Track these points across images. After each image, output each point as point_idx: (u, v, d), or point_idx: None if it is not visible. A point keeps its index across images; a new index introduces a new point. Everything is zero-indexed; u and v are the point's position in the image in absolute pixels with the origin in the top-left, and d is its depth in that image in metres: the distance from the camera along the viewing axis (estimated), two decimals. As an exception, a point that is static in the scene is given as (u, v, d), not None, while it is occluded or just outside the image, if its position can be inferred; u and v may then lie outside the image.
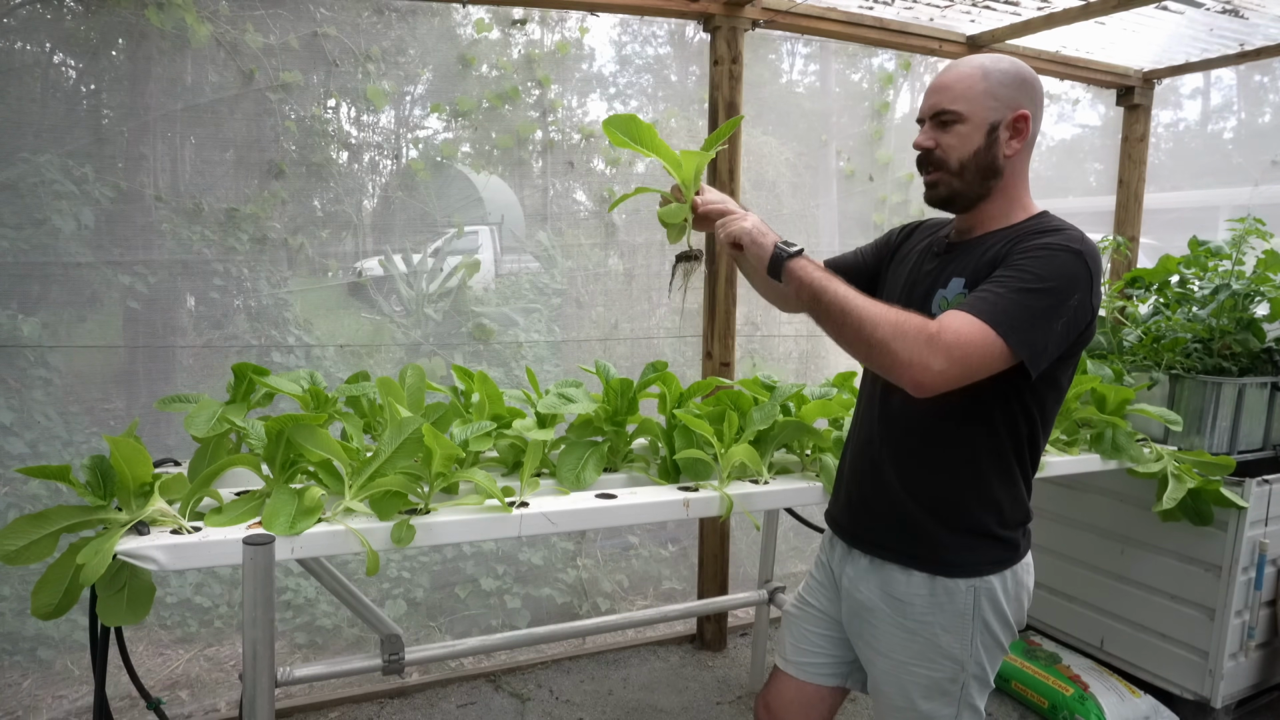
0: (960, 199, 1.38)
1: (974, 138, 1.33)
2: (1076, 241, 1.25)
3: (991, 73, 1.33)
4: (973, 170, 1.35)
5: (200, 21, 2.42)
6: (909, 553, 1.42)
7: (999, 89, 1.32)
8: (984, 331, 1.18)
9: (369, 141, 2.86)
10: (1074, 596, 2.91)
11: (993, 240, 1.35)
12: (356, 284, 2.86)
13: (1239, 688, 2.56)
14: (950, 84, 1.35)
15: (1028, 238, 1.28)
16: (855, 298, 1.23)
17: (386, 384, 1.69)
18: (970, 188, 1.36)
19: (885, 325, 1.19)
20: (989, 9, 2.99)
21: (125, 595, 1.32)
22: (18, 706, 2.37)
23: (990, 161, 1.34)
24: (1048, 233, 1.28)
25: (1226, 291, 2.59)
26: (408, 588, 2.91)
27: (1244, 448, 2.60)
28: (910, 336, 1.17)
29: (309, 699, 2.62)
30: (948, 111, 1.34)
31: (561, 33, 2.99)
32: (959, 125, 1.34)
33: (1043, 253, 1.24)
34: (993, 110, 1.32)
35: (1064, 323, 1.23)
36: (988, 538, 1.38)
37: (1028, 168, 1.39)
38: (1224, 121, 5.94)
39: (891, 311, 1.21)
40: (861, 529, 1.50)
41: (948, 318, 1.20)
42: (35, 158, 2.28)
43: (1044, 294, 1.20)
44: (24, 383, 2.36)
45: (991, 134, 1.33)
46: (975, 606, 1.38)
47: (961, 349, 1.17)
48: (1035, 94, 1.35)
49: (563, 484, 1.72)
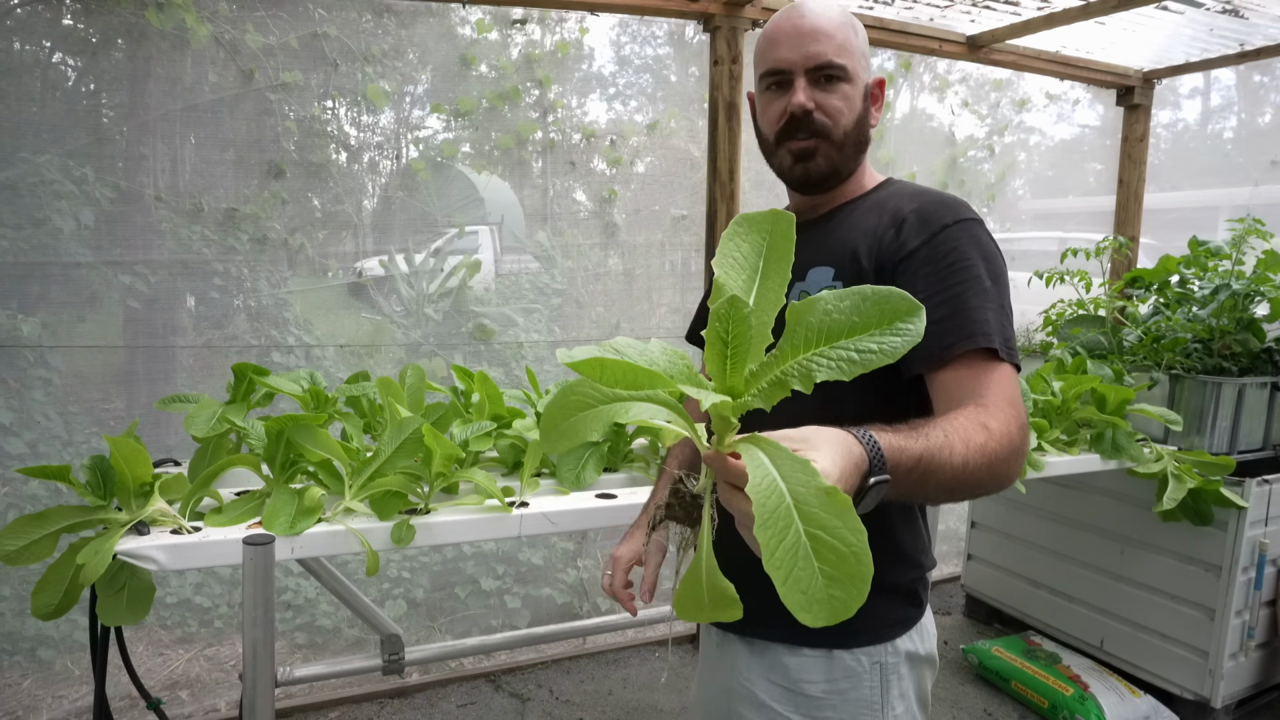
0: (834, 177, 1.14)
1: (857, 102, 1.11)
2: (976, 215, 1.07)
3: (859, 30, 1.12)
4: (852, 142, 1.12)
5: (200, 22, 2.42)
6: (794, 624, 1.19)
7: (864, 51, 1.12)
8: (1008, 373, 0.99)
9: (369, 141, 2.86)
10: (1074, 596, 2.91)
11: (848, 217, 1.13)
12: (356, 284, 2.86)
13: (1239, 688, 2.56)
14: (830, 31, 1.09)
15: (929, 220, 1.05)
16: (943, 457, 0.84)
17: (386, 384, 1.68)
18: (847, 164, 1.14)
19: (977, 460, 0.86)
20: (989, 9, 2.99)
21: (125, 595, 1.32)
22: (18, 706, 2.37)
23: (864, 130, 1.14)
24: (939, 207, 1.06)
25: (1226, 291, 2.59)
26: (408, 588, 2.91)
27: (1244, 448, 2.60)
28: (1004, 450, 0.89)
29: (309, 699, 2.61)
30: (833, 65, 1.08)
31: (561, 33, 2.99)
32: (845, 85, 1.09)
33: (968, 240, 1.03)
34: (866, 70, 1.12)
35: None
36: (887, 591, 1.08)
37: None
38: (1224, 121, 5.93)
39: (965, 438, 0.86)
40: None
41: (982, 387, 0.96)
42: (35, 158, 2.28)
43: (999, 288, 1.03)
44: (24, 383, 2.35)
45: (866, 99, 1.12)
46: (884, 692, 1.09)
47: (1018, 409, 0.96)
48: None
49: (563, 484, 1.72)
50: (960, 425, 0.88)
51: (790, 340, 0.70)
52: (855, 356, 0.67)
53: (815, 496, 0.60)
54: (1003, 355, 0.98)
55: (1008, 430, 0.90)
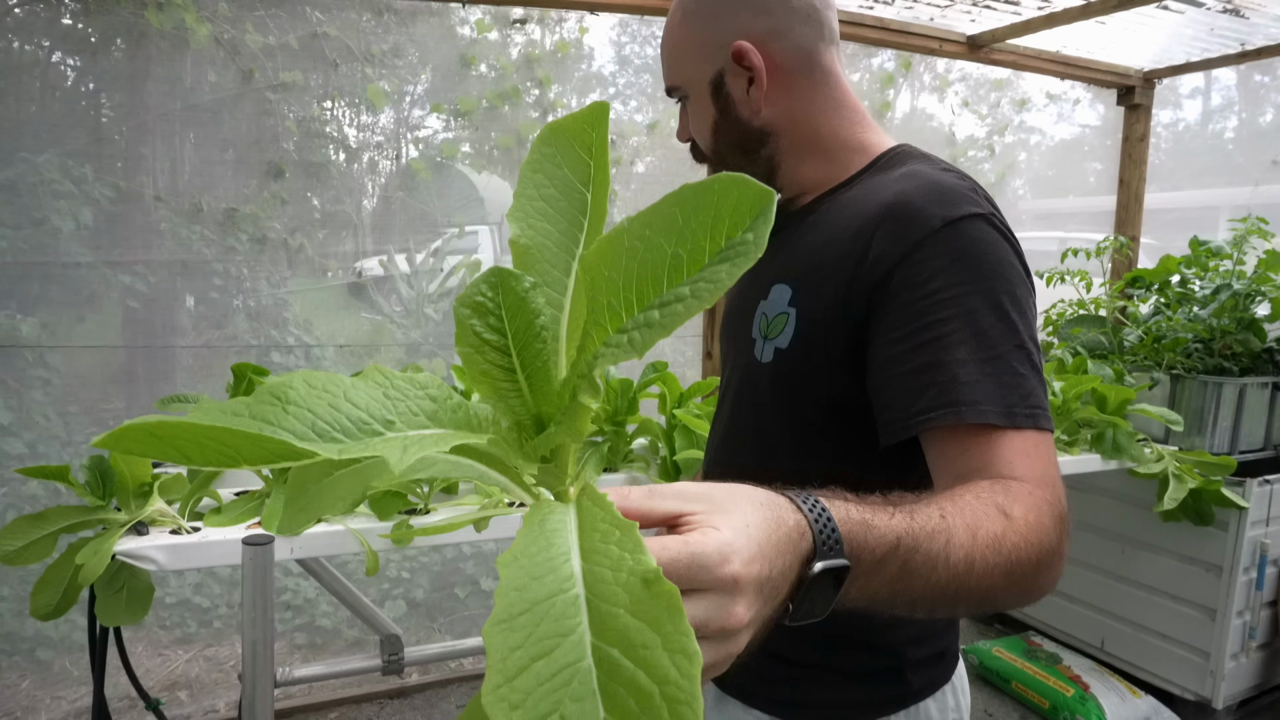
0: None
1: (706, 110, 0.92)
2: (979, 207, 0.78)
3: (690, 9, 0.90)
4: (728, 150, 0.93)
5: (200, 21, 2.42)
6: (736, 682, 0.92)
7: (702, 29, 0.89)
8: (1032, 442, 0.70)
9: (369, 142, 2.86)
10: (1075, 597, 2.91)
11: (825, 215, 0.87)
12: (356, 284, 2.86)
13: (1240, 688, 2.55)
14: (665, 50, 0.95)
15: (910, 220, 0.76)
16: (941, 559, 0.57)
17: (386, 384, 1.68)
18: (747, 170, 0.75)
19: (989, 558, 0.60)
20: (989, 9, 2.99)
21: (124, 595, 1.32)
22: (16, 707, 2.37)
23: (739, 130, 0.91)
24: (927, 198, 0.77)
25: (1227, 291, 2.59)
26: (408, 588, 2.91)
27: (1245, 448, 2.60)
28: (1031, 548, 0.63)
29: (309, 699, 2.61)
30: (672, 91, 0.95)
31: (561, 33, 2.99)
32: (690, 102, 0.94)
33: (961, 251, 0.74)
34: (707, 62, 0.89)
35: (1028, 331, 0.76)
36: (836, 671, 0.86)
37: (828, 93, 0.90)
38: (1224, 121, 5.93)
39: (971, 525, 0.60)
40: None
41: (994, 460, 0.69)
42: (34, 157, 2.28)
43: (1005, 322, 0.73)
44: (23, 383, 2.35)
45: (720, 94, 0.90)
46: None
47: (1051, 488, 0.69)
48: (756, 0, 0.88)
49: (563, 484, 1.71)
50: (967, 507, 0.61)
51: (591, 311, 0.42)
52: (656, 317, 0.39)
53: (628, 588, 0.34)
54: (1013, 423, 0.69)
55: (1037, 520, 0.64)
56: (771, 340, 0.85)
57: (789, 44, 0.88)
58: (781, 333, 0.84)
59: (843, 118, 0.91)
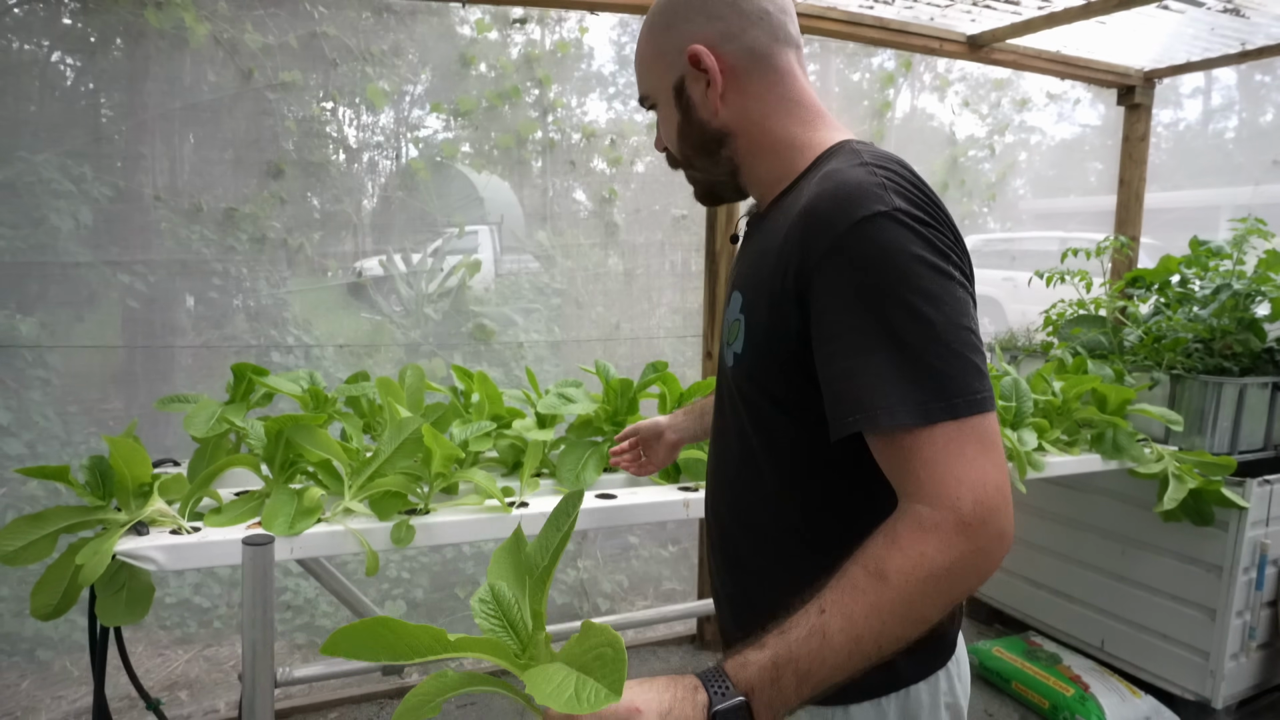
0: (721, 188, 1.03)
1: (671, 114, 0.99)
2: (884, 204, 0.76)
3: (653, 20, 0.99)
4: (693, 153, 0.99)
5: (199, 21, 2.42)
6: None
7: (662, 37, 0.97)
8: (943, 437, 0.72)
9: (368, 141, 2.86)
10: (1075, 597, 2.91)
11: (772, 222, 0.90)
12: (356, 284, 2.86)
13: (1240, 688, 2.55)
14: (637, 61, 1.03)
15: (819, 228, 0.78)
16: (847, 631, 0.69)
17: (386, 384, 1.68)
18: (712, 171, 1.00)
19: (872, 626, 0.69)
20: (989, 8, 2.99)
21: (124, 595, 1.32)
22: (16, 707, 2.37)
23: (700, 133, 0.96)
24: (833, 204, 0.78)
25: (1228, 291, 2.59)
26: (408, 588, 2.91)
27: (1245, 448, 2.60)
28: (912, 589, 0.70)
29: (309, 699, 2.61)
30: (643, 100, 1.03)
31: (561, 32, 2.99)
32: (658, 110, 1.01)
33: (863, 254, 0.76)
34: (669, 69, 0.96)
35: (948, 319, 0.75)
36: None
37: (780, 92, 0.93)
38: (1225, 121, 5.93)
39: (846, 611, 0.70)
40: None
41: (905, 472, 0.74)
42: (33, 157, 2.28)
43: (917, 319, 0.74)
44: (22, 383, 2.35)
45: (681, 98, 0.96)
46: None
47: (962, 487, 0.71)
48: (712, 4, 0.92)
49: (563, 484, 1.71)
50: (844, 589, 0.70)
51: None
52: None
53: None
54: (927, 419, 0.72)
55: (924, 558, 0.69)
56: (731, 346, 0.93)
57: (740, 46, 0.92)
58: (737, 338, 0.91)
59: (795, 117, 0.94)
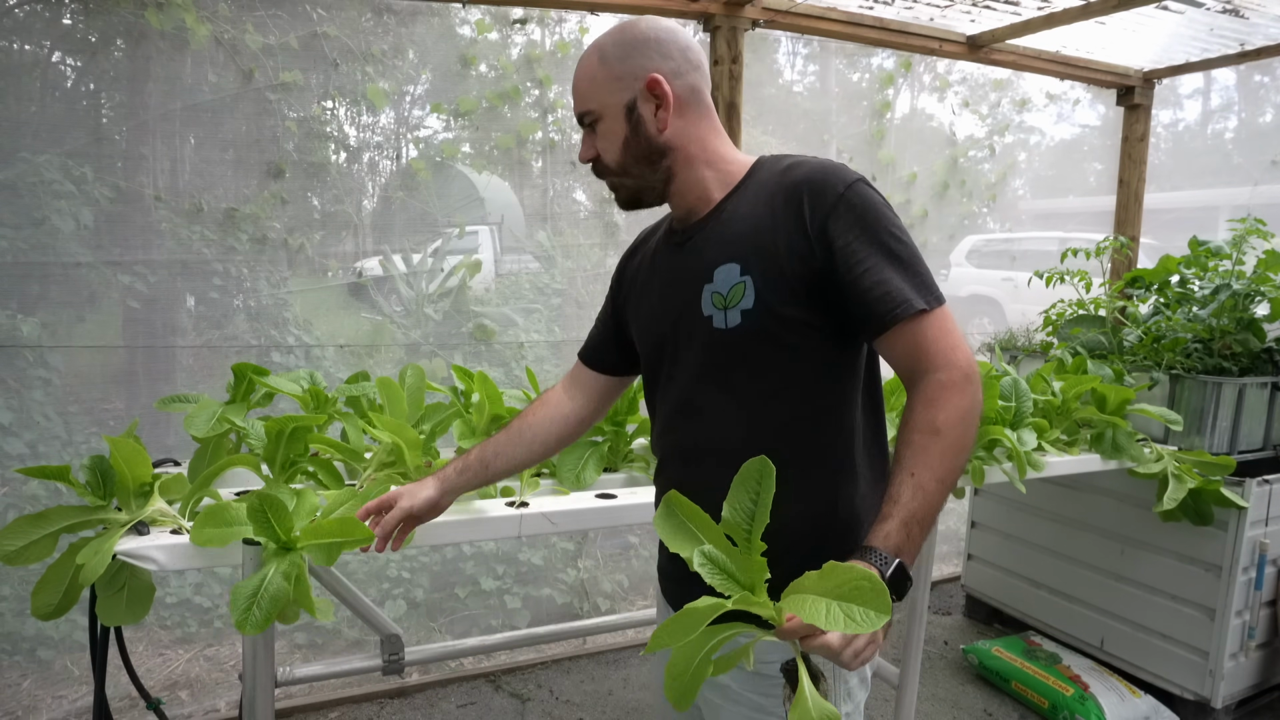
0: (648, 193, 1.23)
1: (617, 130, 1.18)
2: (857, 175, 1.10)
3: (607, 52, 1.17)
4: (634, 162, 1.19)
5: (200, 21, 2.42)
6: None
7: (618, 65, 1.16)
8: (938, 319, 1.05)
9: (369, 141, 2.86)
10: (1074, 597, 2.91)
11: (736, 210, 1.16)
12: (356, 284, 2.86)
13: (1239, 688, 2.56)
14: (577, 82, 1.21)
15: (823, 190, 1.08)
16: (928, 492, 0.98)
17: (386, 384, 1.68)
18: (645, 179, 1.20)
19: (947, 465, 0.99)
20: (989, 9, 2.99)
21: (125, 595, 1.32)
22: (17, 707, 2.37)
23: (646, 145, 1.17)
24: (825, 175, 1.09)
25: (1227, 291, 2.59)
26: (408, 588, 2.91)
27: (1244, 448, 2.60)
28: (959, 430, 1.00)
29: (309, 699, 2.61)
30: (587, 113, 1.21)
31: (561, 33, 2.99)
32: (600, 124, 1.19)
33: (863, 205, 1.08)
34: (622, 91, 1.16)
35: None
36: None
37: (710, 123, 1.20)
38: (1224, 121, 5.93)
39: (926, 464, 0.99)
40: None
41: (920, 349, 1.04)
42: (34, 157, 2.28)
43: (902, 240, 1.08)
44: (23, 383, 2.35)
45: (632, 116, 1.17)
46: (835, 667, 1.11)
47: (957, 353, 1.03)
48: (665, 48, 1.16)
49: (563, 484, 1.71)
50: (916, 451, 0.99)
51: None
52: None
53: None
54: (929, 305, 1.04)
55: (957, 406, 1.01)
56: (735, 307, 1.11)
57: (685, 83, 1.17)
58: (744, 297, 1.11)
59: (723, 141, 1.22)
